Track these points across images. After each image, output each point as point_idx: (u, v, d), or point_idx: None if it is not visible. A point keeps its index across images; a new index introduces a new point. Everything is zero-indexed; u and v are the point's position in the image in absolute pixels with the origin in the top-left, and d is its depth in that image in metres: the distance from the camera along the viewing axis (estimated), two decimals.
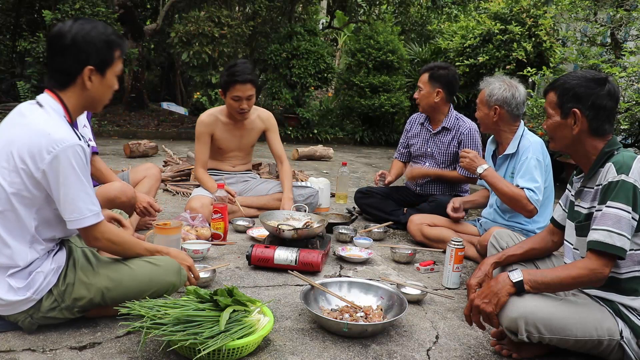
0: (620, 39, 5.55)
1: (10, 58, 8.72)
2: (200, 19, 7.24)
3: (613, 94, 1.70)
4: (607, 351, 1.68)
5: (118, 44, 1.73)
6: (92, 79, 1.69)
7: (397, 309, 1.99)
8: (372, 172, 5.88)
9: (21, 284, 1.65)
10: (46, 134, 1.57)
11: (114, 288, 1.74)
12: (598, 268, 1.60)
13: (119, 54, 1.74)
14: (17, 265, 1.64)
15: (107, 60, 1.70)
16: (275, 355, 1.71)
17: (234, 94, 3.14)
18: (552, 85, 1.80)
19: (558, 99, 1.75)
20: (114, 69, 1.74)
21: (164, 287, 1.81)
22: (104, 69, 1.70)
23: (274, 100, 8.23)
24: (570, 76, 1.75)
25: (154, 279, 1.80)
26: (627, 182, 1.60)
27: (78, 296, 1.71)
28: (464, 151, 2.72)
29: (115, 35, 1.74)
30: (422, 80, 3.32)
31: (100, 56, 1.68)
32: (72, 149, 1.57)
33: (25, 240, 1.65)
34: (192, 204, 3.10)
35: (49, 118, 1.62)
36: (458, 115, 3.39)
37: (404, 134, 3.64)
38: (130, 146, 5.79)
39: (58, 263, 1.71)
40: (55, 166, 1.56)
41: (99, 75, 1.69)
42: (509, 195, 2.49)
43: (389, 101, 8.04)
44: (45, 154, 1.55)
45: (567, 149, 1.82)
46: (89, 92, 1.70)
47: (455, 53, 7.07)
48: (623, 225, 1.59)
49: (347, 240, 3.06)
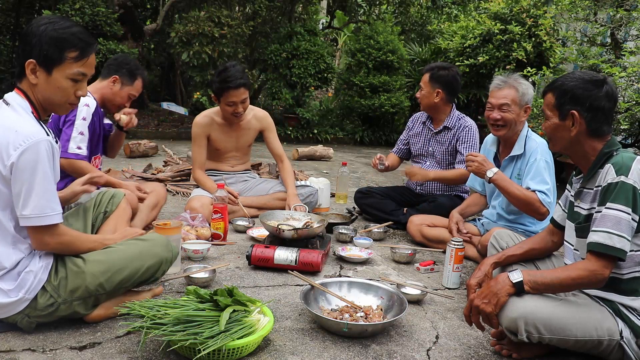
0: (620, 39, 5.55)
1: (10, 58, 8.72)
2: (200, 19, 7.24)
3: (611, 95, 1.70)
4: (607, 351, 1.68)
5: (73, 45, 1.63)
6: (38, 75, 1.64)
7: (397, 309, 1.99)
8: (372, 172, 5.89)
9: (11, 285, 1.64)
10: (13, 130, 1.55)
11: (107, 270, 1.74)
12: (598, 270, 1.60)
13: (74, 55, 1.64)
14: (3, 267, 1.63)
15: (52, 58, 1.62)
16: (275, 355, 1.71)
17: (229, 100, 3.12)
18: (550, 87, 1.79)
19: (556, 101, 1.75)
20: (64, 70, 1.64)
21: (156, 262, 1.83)
22: (49, 66, 1.63)
23: (274, 100, 8.23)
24: (569, 77, 1.75)
25: (143, 252, 1.82)
26: (627, 184, 1.60)
27: (73, 287, 1.70)
28: (471, 155, 2.61)
29: (74, 37, 1.64)
30: (423, 80, 3.33)
31: (43, 51, 1.60)
32: (39, 145, 1.55)
33: (7, 242, 1.63)
34: (192, 204, 3.10)
35: (15, 115, 1.61)
36: (460, 115, 3.38)
37: (406, 132, 3.64)
38: (130, 146, 5.78)
39: (46, 260, 1.70)
40: (22, 161, 1.53)
41: (43, 71, 1.64)
42: (521, 199, 2.43)
43: (389, 101, 8.04)
44: (12, 150, 1.54)
45: (565, 150, 1.82)
46: (37, 89, 1.67)
47: (455, 53, 7.07)
48: (623, 226, 1.58)
49: (347, 240, 3.06)
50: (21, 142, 1.54)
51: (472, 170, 2.60)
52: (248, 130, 3.41)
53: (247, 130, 3.41)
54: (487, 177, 2.51)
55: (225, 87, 3.08)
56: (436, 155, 3.42)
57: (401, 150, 3.67)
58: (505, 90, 2.59)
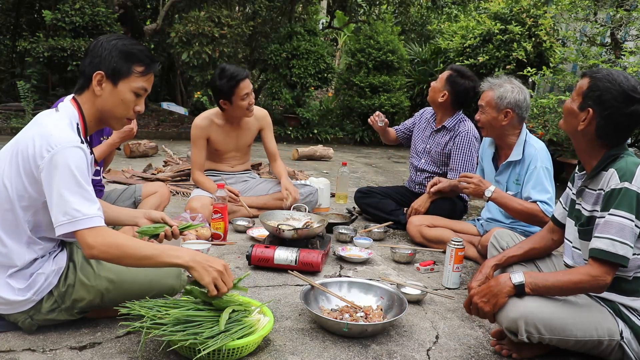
0: (620, 39, 5.55)
1: (10, 58, 8.71)
2: (200, 19, 7.23)
3: (637, 116, 1.63)
4: (607, 351, 1.68)
5: (140, 60, 1.70)
6: (103, 86, 1.68)
7: (397, 309, 1.99)
8: (372, 172, 5.89)
9: (22, 284, 1.65)
10: (48, 134, 1.56)
11: (114, 290, 1.73)
12: (600, 275, 1.59)
13: (141, 70, 1.70)
14: (14, 264, 1.64)
15: (120, 70, 1.67)
16: (275, 355, 1.71)
17: (242, 93, 3.12)
18: (591, 73, 1.71)
19: (586, 90, 1.70)
20: (130, 83, 1.69)
21: (163, 290, 1.81)
22: (117, 78, 1.68)
23: (274, 100, 8.22)
24: (610, 76, 1.65)
25: (153, 281, 1.80)
26: (631, 190, 1.59)
27: (78, 297, 1.71)
28: (465, 176, 2.57)
29: (142, 53, 1.71)
30: (442, 74, 3.29)
31: (112, 63, 1.66)
32: (71, 150, 1.55)
33: (22, 241, 1.64)
34: (192, 204, 3.10)
35: (57, 121, 1.62)
36: (464, 118, 3.33)
37: (412, 119, 3.62)
38: (130, 146, 5.78)
39: (59, 264, 1.71)
40: (52, 165, 1.53)
41: (110, 83, 1.68)
42: (523, 212, 2.41)
43: (389, 101, 8.03)
44: (45, 152, 1.54)
45: (570, 136, 1.81)
46: (100, 101, 1.69)
47: (455, 53, 7.08)
48: (626, 233, 1.58)
49: (347, 240, 3.06)
50: (54, 145, 1.54)
51: (469, 192, 2.57)
52: (248, 130, 3.41)
53: (247, 130, 3.41)
54: (485, 196, 2.48)
55: (235, 83, 3.08)
56: (432, 153, 3.41)
57: (402, 132, 3.64)
58: (485, 92, 2.62)
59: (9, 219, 1.63)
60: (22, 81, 7.23)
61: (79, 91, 1.71)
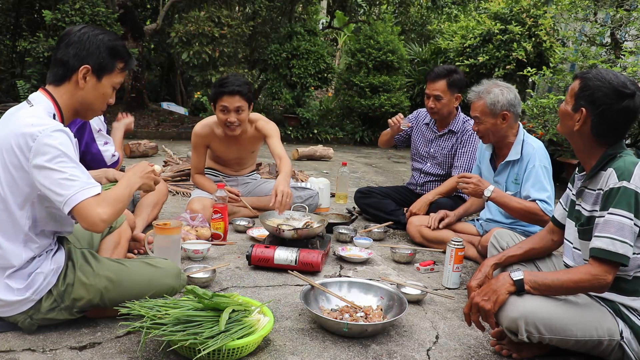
0: (620, 39, 5.55)
1: (10, 58, 8.71)
2: (200, 19, 7.23)
3: (630, 111, 1.64)
4: (607, 351, 1.68)
5: (122, 57, 1.75)
6: (87, 80, 1.69)
7: (397, 309, 1.99)
8: (372, 172, 5.89)
9: (21, 284, 1.65)
10: (29, 125, 1.56)
11: (113, 289, 1.74)
12: (601, 274, 1.59)
13: (122, 66, 1.76)
14: (12, 265, 1.63)
15: (106, 66, 1.71)
16: (275, 355, 1.71)
17: (221, 104, 2.99)
18: (581, 75, 1.73)
19: (577, 91, 1.72)
20: (112, 78, 1.75)
21: (162, 290, 1.81)
22: (101, 73, 1.71)
23: (274, 100, 8.22)
24: (600, 75, 1.68)
25: (153, 281, 1.80)
26: (629, 189, 1.60)
27: (77, 296, 1.71)
28: (464, 177, 2.55)
29: (124, 49, 1.77)
30: (439, 88, 3.15)
31: (99, 59, 1.69)
32: (55, 133, 1.55)
33: (19, 240, 1.64)
34: (192, 205, 3.09)
35: (35, 113, 1.61)
36: (465, 117, 3.33)
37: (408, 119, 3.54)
38: (130, 146, 5.78)
39: (57, 263, 1.71)
40: (41, 152, 1.53)
41: (94, 77, 1.70)
42: (522, 211, 2.42)
43: (389, 101, 8.03)
44: (31, 141, 1.54)
45: (568, 138, 1.82)
46: (81, 93, 1.70)
47: (455, 53, 7.08)
48: (626, 232, 1.58)
49: (347, 240, 3.06)
50: (37, 132, 1.54)
51: (468, 193, 2.56)
52: (249, 140, 3.28)
53: (248, 140, 3.28)
54: (484, 196, 2.48)
55: (220, 92, 2.98)
56: (437, 157, 3.40)
57: (400, 135, 3.58)
58: (475, 103, 2.59)
59: (4, 218, 1.62)
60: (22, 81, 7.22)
61: (57, 82, 1.69)
